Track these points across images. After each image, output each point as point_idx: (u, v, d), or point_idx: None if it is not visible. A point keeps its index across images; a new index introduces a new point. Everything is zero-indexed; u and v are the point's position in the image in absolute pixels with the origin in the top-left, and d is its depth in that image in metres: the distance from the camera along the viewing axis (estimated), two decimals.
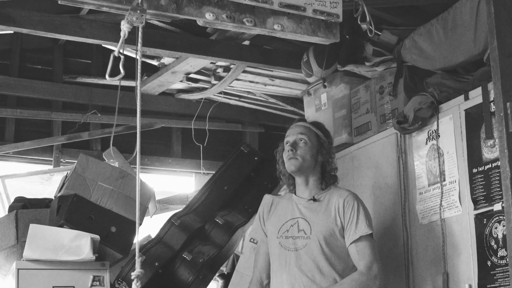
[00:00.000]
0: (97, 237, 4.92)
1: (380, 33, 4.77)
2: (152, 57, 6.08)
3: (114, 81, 3.09)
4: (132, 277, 2.77)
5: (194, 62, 5.97)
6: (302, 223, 3.93)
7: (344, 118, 4.95)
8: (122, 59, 3.10)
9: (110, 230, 5.12)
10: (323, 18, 3.75)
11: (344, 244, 3.88)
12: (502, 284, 3.63)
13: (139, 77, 2.82)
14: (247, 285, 4.39)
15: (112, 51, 3.13)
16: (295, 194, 4.08)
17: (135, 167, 6.36)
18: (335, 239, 3.87)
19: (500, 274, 3.65)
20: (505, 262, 3.59)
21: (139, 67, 2.82)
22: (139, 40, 3.20)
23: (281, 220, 4.01)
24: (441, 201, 4.07)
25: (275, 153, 4.18)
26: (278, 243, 3.94)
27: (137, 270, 2.76)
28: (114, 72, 3.00)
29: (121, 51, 3.09)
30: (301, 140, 4.01)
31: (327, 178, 4.05)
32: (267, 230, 4.08)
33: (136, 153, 3.10)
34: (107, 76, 3.04)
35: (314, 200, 3.97)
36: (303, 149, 3.99)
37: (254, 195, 5.45)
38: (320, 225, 3.88)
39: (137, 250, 2.88)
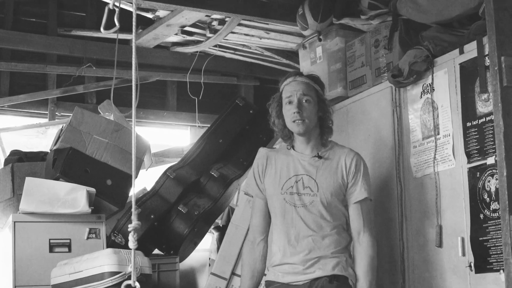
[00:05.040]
0: (93, 190, 4.94)
1: None
2: (147, 10, 6.05)
3: (110, 34, 3.08)
4: (129, 229, 2.78)
5: (189, 15, 5.95)
6: (307, 180, 3.92)
7: (339, 72, 4.94)
8: (117, 12, 3.08)
9: (106, 183, 5.14)
10: None
11: (343, 200, 3.92)
12: (494, 236, 3.66)
13: (134, 30, 2.81)
14: (242, 237, 4.42)
15: (107, 3, 3.11)
16: (293, 149, 4.04)
17: (131, 120, 6.35)
18: (340, 196, 3.90)
19: (493, 227, 3.68)
20: (497, 215, 3.62)
21: (134, 19, 2.81)
22: None
23: (283, 177, 3.97)
24: (435, 154, 4.09)
25: (267, 106, 4.10)
26: (282, 199, 3.92)
27: (134, 222, 2.76)
28: (109, 25, 2.98)
29: (116, 3, 3.07)
30: (305, 101, 3.93)
31: (326, 132, 4.04)
32: (266, 186, 4.02)
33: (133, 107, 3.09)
34: (102, 29, 3.02)
35: (319, 157, 3.98)
36: (308, 109, 3.93)
37: (249, 148, 5.47)
38: (327, 183, 3.89)
39: (133, 203, 2.89)
